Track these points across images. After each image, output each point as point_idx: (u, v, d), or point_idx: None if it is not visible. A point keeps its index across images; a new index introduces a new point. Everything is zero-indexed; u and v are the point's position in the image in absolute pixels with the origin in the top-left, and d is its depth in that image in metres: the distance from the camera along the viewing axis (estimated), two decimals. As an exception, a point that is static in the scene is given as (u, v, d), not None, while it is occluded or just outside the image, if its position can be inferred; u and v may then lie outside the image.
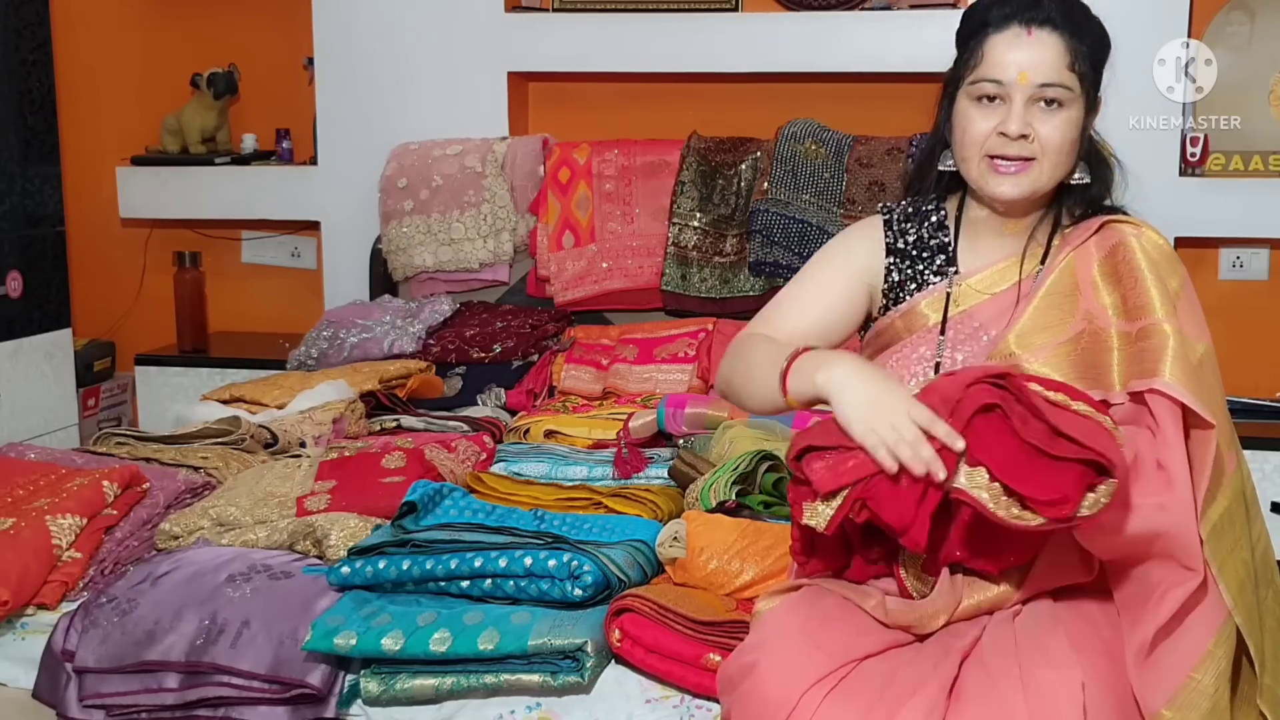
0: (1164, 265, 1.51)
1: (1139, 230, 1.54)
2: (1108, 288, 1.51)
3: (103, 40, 3.77)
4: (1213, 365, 1.47)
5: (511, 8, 3.33)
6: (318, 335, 3.07)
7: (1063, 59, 1.55)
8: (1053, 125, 1.56)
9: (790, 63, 3.18)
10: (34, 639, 1.78)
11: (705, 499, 1.90)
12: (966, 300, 1.64)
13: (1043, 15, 1.56)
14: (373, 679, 1.61)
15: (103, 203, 3.71)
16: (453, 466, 2.19)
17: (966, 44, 1.61)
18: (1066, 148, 1.58)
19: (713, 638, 1.57)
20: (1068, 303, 1.52)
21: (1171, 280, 1.50)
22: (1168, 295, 1.47)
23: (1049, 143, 1.56)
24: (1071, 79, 1.56)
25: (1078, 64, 1.56)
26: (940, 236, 1.68)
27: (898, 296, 1.69)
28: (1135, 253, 1.50)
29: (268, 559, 1.82)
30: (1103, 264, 1.53)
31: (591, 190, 3.16)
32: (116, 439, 2.40)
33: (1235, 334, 3.16)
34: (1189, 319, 1.48)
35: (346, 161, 3.44)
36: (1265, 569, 1.50)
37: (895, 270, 1.69)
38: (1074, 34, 1.56)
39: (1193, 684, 1.33)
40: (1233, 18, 3.07)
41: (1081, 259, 1.54)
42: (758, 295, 3.00)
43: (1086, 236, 1.56)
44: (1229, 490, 1.41)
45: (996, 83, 1.56)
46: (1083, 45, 1.57)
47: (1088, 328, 1.49)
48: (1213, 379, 1.46)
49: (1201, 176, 3.05)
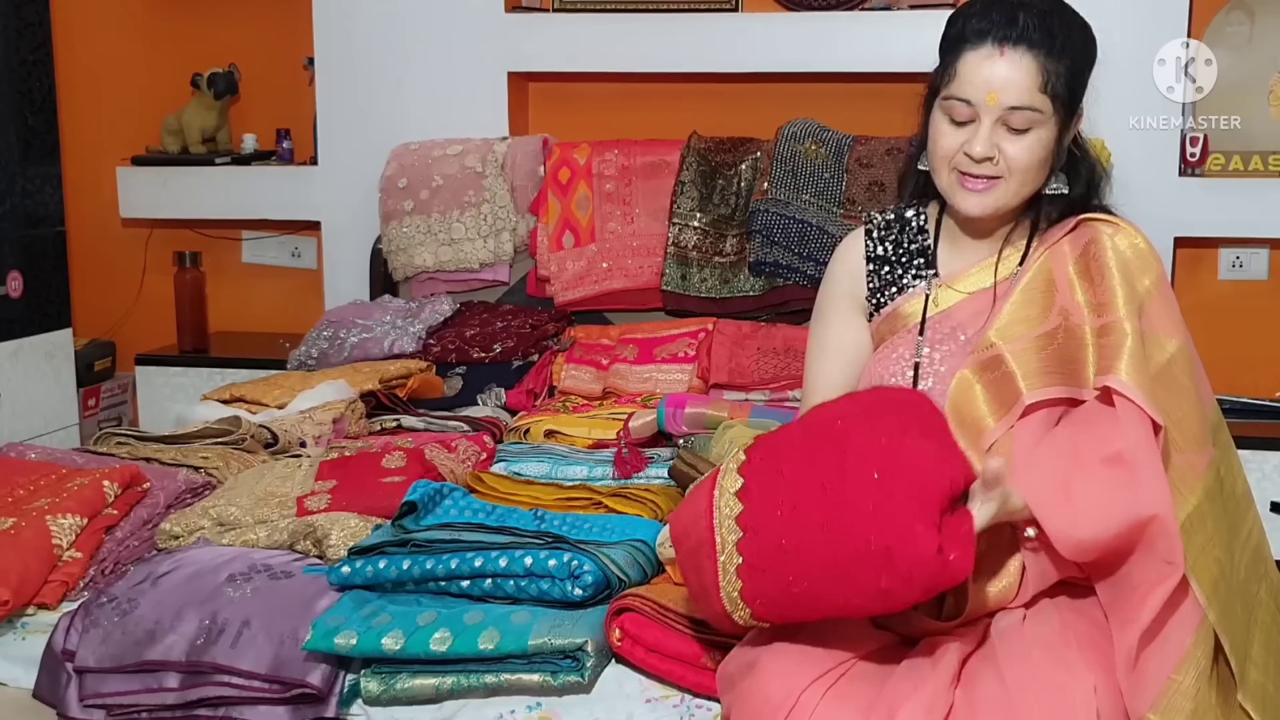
0: (1135, 264, 1.52)
1: (1116, 229, 1.55)
2: (1081, 285, 1.52)
3: (103, 40, 3.77)
4: (1185, 364, 1.47)
5: (511, 8, 3.34)
6: (318, 335, 3.07)
7: (1035, 80, 1.53)
8: (1021, 146, 1.56)
9: (790, 63, 3.18)
10: (34, 639, 1.78)
11: (705, 499, 1.90)
12: (945, 301, 1.67)
13: (1017, 34, 1.54)
14: (373, 679, 1.61)
15: (103, 203, 3.72)
16: (453, 466, 2.19)
17: (944, 55, 1.62)
18: (1035, 167, 1.58)
19: (713, 637, 1.57)
20: (1044, 299, 1.53)
21: (1143, 278, 1.51)
22: (1133, 294, 1.47)
23: (1015, 163, 1.57)
24: (1042, 101, 1.54)
25: (1051, 85, 1.54)
26: (920, 240, 1.72)
27: (879, 302, 1.73)
28: (1106, 250, 1.51)
29: (268, 559, 1.82)
30: (1077, 262, 1.54)
31: (591, 190, 3.16)
32: (117, 439, 2.41)
33: (1235, 334, 3.16)
34: (1162, 317, 1.48)
35: (346, 161, 3.44)
36: (1258, 564, 1.50)
37: (874, 277, 1.73)
38: (1050, 53, 1.54)
39: (1174, 685, 1.33)
40: (1233, 18, 3.07)
41: (1056, 257, 1.56)
42: (757, 295, 3.00)
43: (1061, 235, 1.57)
44: (1198, 489, 1.41)
45: (966, 102, 1.57)
46: (1060, 65, 1.54)
47: (1064, 323, 1.50)
48: (1184, 378, 1.46)
49: (1201, 176, 3.05)
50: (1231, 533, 1.47)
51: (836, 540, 1.29)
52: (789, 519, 1.32)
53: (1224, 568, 1.41)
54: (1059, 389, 1.46)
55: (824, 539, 1.29)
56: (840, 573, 1.29)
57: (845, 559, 1.28)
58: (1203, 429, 1.45)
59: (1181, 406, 1.43)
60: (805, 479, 1.33)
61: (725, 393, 2.71)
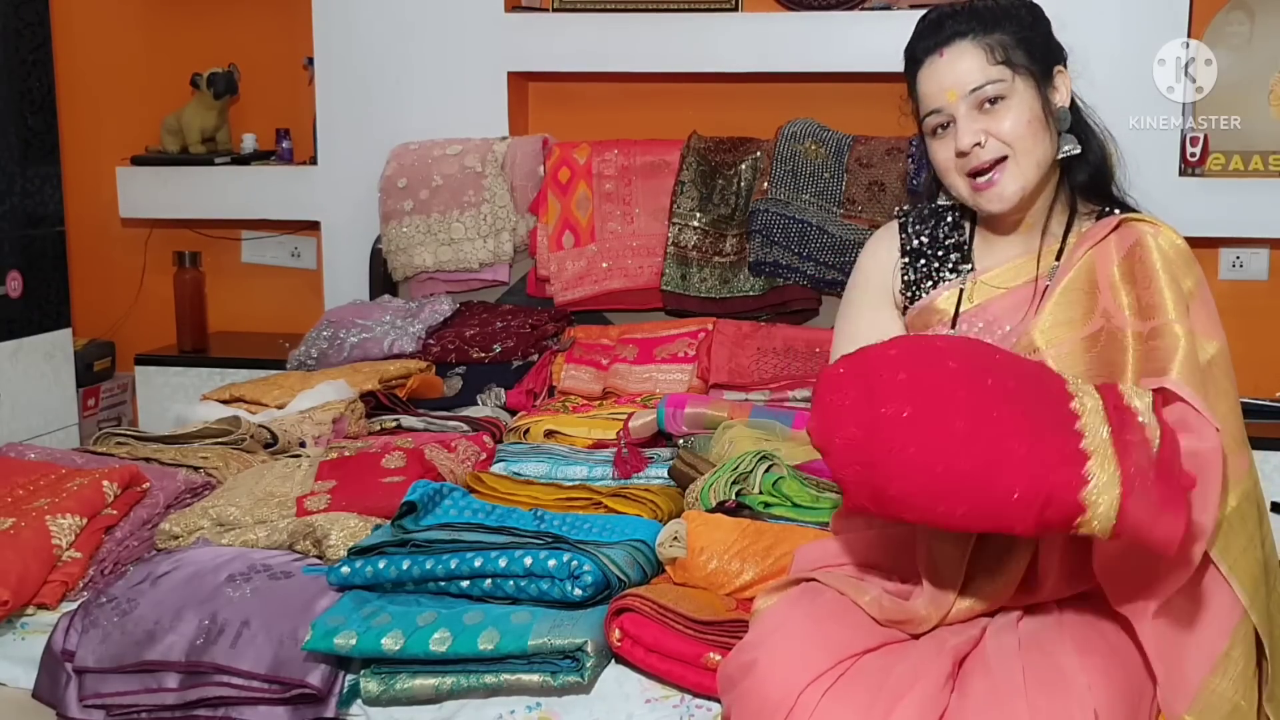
0: (1179, 265, 1.51)
1: (1156, 229, 1.54)
2: (1125, 287, 1.50)
3: (103, 40, 3.77)
4: (1225, 366, 1.47)
5: (511, 8, 3.34)
6: (318, 335, 3.07)
7: (981, 58, 1.59)
8: (1003, 117, 1.59)
9: (790, 63, 3.18)
10: (34, 639, 1.78)
11: (705, 499, 1.90)
12: (980, 296, 1.68)
13: (947, 34, 1.62)
14: (373, 679, 1.61)
15: (103, 203, 3.72)
16: (453, 466, 2.19)
17: (909, 89, 1.69)
18: (1031, 131, 1.60)
19: (713, 637, 1.57)
20: (1087, 299, 1.53)
21: (1186, 280, 1.49)
22: (1181, 296, 1.46)
23: (1009, 134, 1.59)
24: (1000, 71, 1.59)
25: (998, 53, 1.59)
26: (956, 235, 1.74)
27: (914, 295, 1.74)
28: (1151, 252, 1.50)
29: (268, 559, 1.82)
30: (1121, 264, 1.52)
31: (591, 190, 3.16)
32: (116, 439, 2.40)
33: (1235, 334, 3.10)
34: (1203, 318, 1.47)
35: (346, 161, 3.44)
36: (1269, 572, 1.50)
37: (910, 269, 1.75)
38: (985, 31, 1.60)
39: (1210, 688, 1.33)
40: (1233, 18, 3.07)
41: (1101, 257, 1.54)
42: (757, 295, 3.00)
43: (1105, 234, 1.56)
44: (1238, 490, 1.40)
45: (936, 111, 1.63)
46: (1002, 34, 1.60)
47: (1105, 326, 1.49)
48: (1224, 380, 1.45)
49: (1201, 176, 3.05)
50: (1265, 535, 1.47)
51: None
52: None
53: (1263, 568, 1.40)
54: None
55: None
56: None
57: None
58: (1241, 431, 1.45)
59: (1224, 408, 1.42)
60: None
61: (725, 393, 2.71)
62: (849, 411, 1.30)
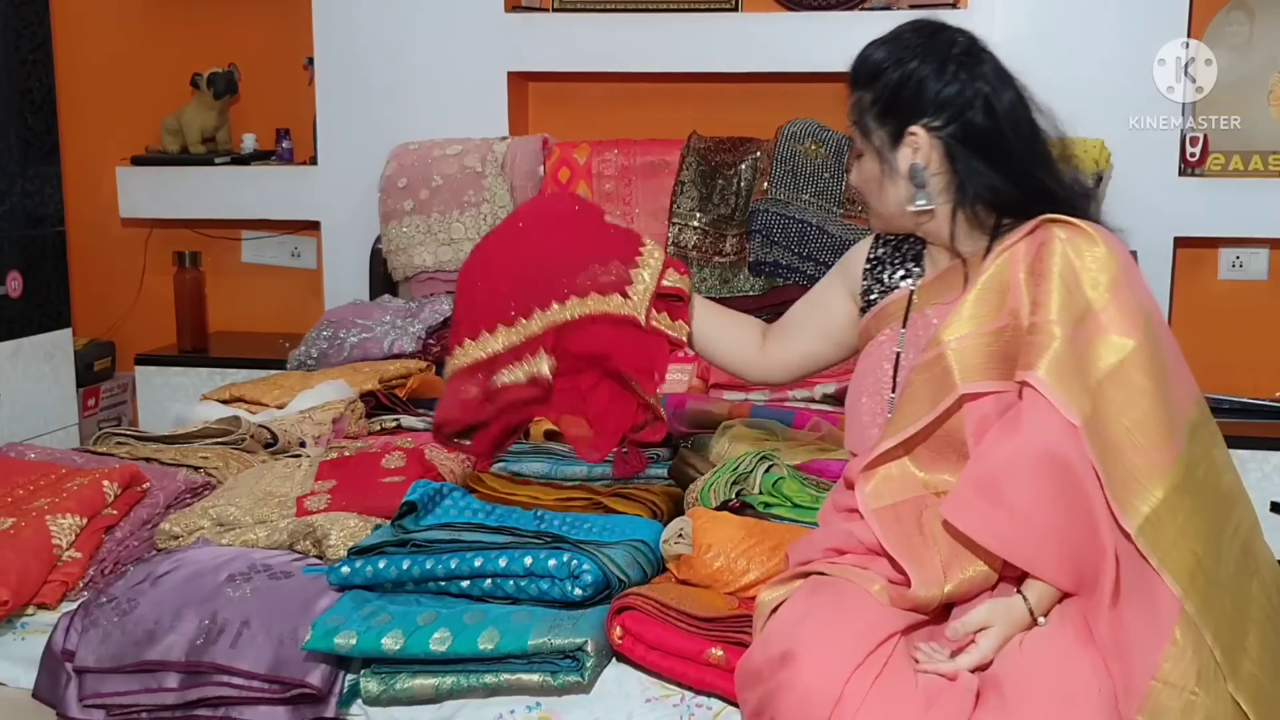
0: (1092, 269, 1.52)
1: (1072, 231, 1.54)
2: (1028, 286, 1.53)
3: (103, 40, 3.77)
4: (1146, 363, 1.47)
5: (511, 8, 3.34)
6: (318, 335, 3.07)
7: (850, 115, 1.74)
8: (855, 169, 1.78)
9: (790, 63, 3.18)
10: (34, 639, 1.78)
11: (705, 499, 1.90)
12: (925, 301, 1.74)
13: (850, 78, 1.75)
14: (373, 679, 1.61)
15: (103, 203, 3.72)
16: (453, 466, 2.19)
17: None
18: (870, 189, 1.75)
19: (715, 633, 1.57)
20: (998, 299, 1.56)
21: (1099, 281, 1.50)
22: (1071, 300, 1.49)
23: (856, 185, 1.80)
24: (854, 131, 1.75)
25: (852, 114, 1.73)
26: (917, 246, 1.81)
27: (871, 300, 1.82)
28: (1054, 254, 1.52)
29: (268, 559, 1.82)
30: (1030, 265, 1.55)
31: (591, 190, 3.16)
32: (116, 439, 2.40)
33: (1235, 334, 3.16)
34: (1117, 318, 1.49)
35: (346, 161, 3.44)
36: (1247, 559, 1.51)
37: (868, 275, 1.83)
38: (856, 86, 1.74)
39: (1160, 686, 1.35)
40: (1233, 18, 3.07)
41: (1012, 259, 1.57)
42: (757, 295, 3.00)
43: (1020, 237, 1.58)
44: (1165, 484, 1.42)
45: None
46: (863, 93, 1.72)
47: (1011, 323, 1.52)
48: (1143, 378, 1.46)
49: (1201, 176, 3.05)
50: (1214, 527, 1.48)
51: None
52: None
53: (1202, 560, 1.42)
54: (994, 383, 1.50)
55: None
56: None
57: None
58: (1167, 427, 1.45)
59: (1140, 406, 1.44)
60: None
61: (725, 393, 2.71)
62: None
